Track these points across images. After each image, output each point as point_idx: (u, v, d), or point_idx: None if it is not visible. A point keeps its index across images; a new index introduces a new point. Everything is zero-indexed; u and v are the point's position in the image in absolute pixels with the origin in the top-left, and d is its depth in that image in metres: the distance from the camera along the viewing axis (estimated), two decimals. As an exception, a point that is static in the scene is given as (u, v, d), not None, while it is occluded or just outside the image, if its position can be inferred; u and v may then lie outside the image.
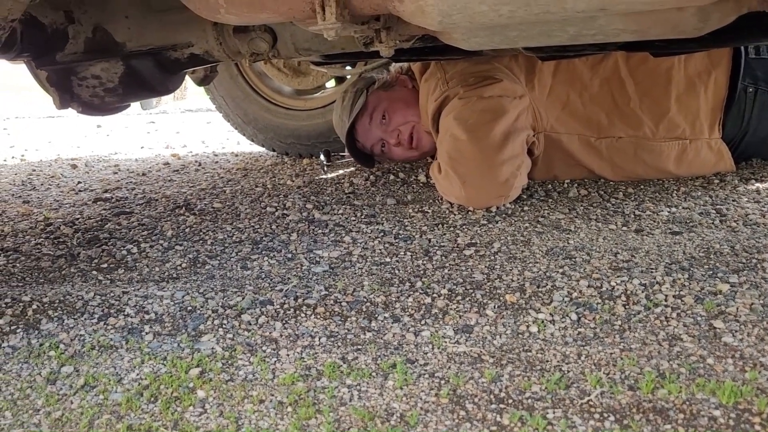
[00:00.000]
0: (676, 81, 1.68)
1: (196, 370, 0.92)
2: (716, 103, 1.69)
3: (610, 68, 1.70)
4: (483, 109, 1.61)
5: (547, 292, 1.12)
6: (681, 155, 1.71)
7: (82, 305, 1.13)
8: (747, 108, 1.70)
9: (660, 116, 1.68)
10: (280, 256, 1.36)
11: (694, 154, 1.71)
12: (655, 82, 1.68)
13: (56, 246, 1.48)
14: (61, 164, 2.54)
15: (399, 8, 0.88)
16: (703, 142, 1.70)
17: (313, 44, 1.39)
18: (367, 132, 1.89)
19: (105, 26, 1.43)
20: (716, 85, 1.68)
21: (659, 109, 1.68)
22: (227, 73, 2.35)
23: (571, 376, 0.87)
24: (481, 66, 1.69)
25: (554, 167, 1.76)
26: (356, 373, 0.90)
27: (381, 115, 1.86)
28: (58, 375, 0.92)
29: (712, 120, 1.70)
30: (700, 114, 1.68)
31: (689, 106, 1.68)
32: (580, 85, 1.70)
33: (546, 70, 1.71)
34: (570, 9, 0.82)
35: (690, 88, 1.68)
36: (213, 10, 0.96)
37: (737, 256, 1.24)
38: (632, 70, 1.69)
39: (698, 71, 1.69)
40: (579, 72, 1.70)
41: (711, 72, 1.68)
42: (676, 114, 1.68)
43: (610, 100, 1.70)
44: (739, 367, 0.87)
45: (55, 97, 1.44)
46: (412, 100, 1.86)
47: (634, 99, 1.68)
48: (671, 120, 1.68)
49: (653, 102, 1.68)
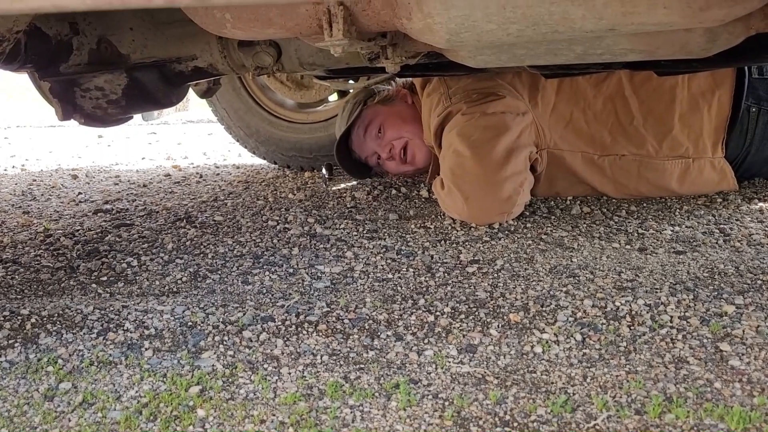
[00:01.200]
0: (679, 100, 1.68)
1: (197, 388, 0.90)
2: (720, 122, 1.69)
3: (613, 86, 1.70)
4: (486, 125, 1.60)
5: (551, 312, 1.11)
6: (684, 174, 1.70)
7: (81, 319, 1.12)
8: (750, 128, 1.70)
9: (663, 135, 1.68)
10: (281, 271, 1.35)
11: (698, 173, 1.71)
12: (658, 101, 1.68)
13: (56, 258, 1.47)
14: (62, 174, 2.54)
15: (407, 26, 0.88)
16: (706, 161, 1.70)
17: (318, 59, 1.39)
18: (362, 143, 1.92)
19: (109, 38, 1.43)
20: (720, 105, 1.68)
21: (663, 127, 1.68)
22: (230, 86, 2.35)
23: (577, 398, 0.86)
24: (485, 82, 1.70)
25: (557, 184, 1.76)
26: (359, 393, 0.89)
27: (377, 128, 1.87)
28: (56, 391, 0.91)
29: (715, 139, 1.69)
30: (703, 133, 1.68)
31: (692, 125, 1.68)
32: (584, 103, 1.70)
33: (549, 88, 1.71)
34: (578, 29, 0.82)
35: (693, 107, 1.68)
36: (219, 25, 0.96)
37: (742, 276, 1.23)
38: (636, 88, 1.69)
39: (702, 90, 1.69)
40: (582, 89, 1.70)
41: (715, 91, 1.69)
42: (680, 133, 1.67)
43: (613, 118, 1.70)
44: (747, 392, 0.86)
45: (58, 108, 1.44)
46: (409, 116, 1.87)
47: (638, 117, 1.68)
48: (674, 138, 1.67)
49: (657, 120, 1.68)
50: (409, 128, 1.86)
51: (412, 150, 1.86)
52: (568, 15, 0.79)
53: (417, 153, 1.86)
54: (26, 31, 1.29)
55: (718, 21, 0.79)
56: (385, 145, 1.87)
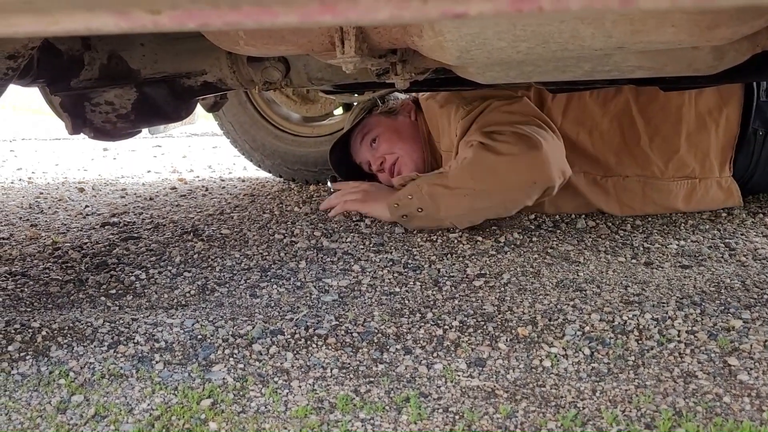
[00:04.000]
0: (686, 119, 1.68)
1: (208, 401, 0.91)
2: (727, 140, 1.69)
3: (621, 106, 1.70)
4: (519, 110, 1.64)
5: (559, 326, 1.12)
6: (690, 194, 1.71)
7: (91, 332, 1.13)
8: (756, 151, 1.70)
9: (670, 155, 1.68)
10: (289, 284, 1.36)
11: (704, 193, 1.71)
12: (665, 120, 1.68)
13: (64, 271, 1.48)
14: (69, 187, 2.55)
15: (418, 43, 0.89)
16: (713, 181, 1.70)
17: (326, 74, 1.41)
18: (357, 150, 1.96)
19: (120, 53, 1.45)
20: (728, 123, 1.68)
21: (669, 147, 1.68)
22: (236, 100, 2.37)
23: (587, 412, 0.86)
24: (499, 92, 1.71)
25: (561, 204, 1.75)
26: (369, 407, 0.89)
27: (372, 138, 1.90)
28: (69, 404, 0.92)
29: (722, 159, 1.69)
30: (710, 153, 1.68)
31: (699, 145, 1.68)
32: (591, 123, 1.70)
33: (556, 109, 1.71)
34: (587, 47, 0.83)
35: (701, 126, 1.68)
36: (233, 42, 0.97)
37: (748, 291, 1.24)
38: (642, 108, 1.69)
39: (709, 108, 1.69)
40: (590, 110, 1.70)
41: (722, 109, 1.68)
42: (686, 153, 1.67)
43: (619, 139, 1.70)
44: (756, 407, 0.86)
45: (68, 122, 1.45)
46: (406, 133, 1.89)
47: (644, 138, 1.68)
48: (681, 159, 1.67)
49: (663, 141, 1.68)
50: (402, 145, 1.88)
51: (399, 167, 1.88)
52: (578, 33, 0.80)
53: (404, 171, 1.86)
54: (39, 47, 1.31)
55: (725, 39, 0.80)
56: (378, 158, 1.90)
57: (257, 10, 0.33)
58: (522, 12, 0.29)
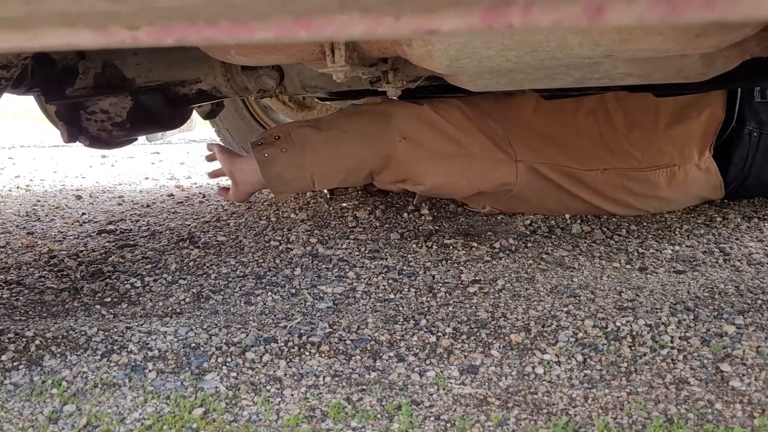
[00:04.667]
0: (665, 111, 1.67)
1: (200, 410, 0.91)
2: (710, 127, 1.67)
3: (595, 100, 1.68)
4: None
5: (552, 332, 1.12)
6: (671, 180, 1.69)
7: (85, 341, 1.13)
8: (750, 152, 1.70)
9: (648, 146, 1.66)
10: (283, 292, 1.36)
11: (684, 177, 1.70)
12: (645, 113, 1.67)
13: (60, 279, 1.48)
14: (66, 195, 2.55)
15: (407, 52, 0.90)
16: (692, 165, 1.69)
17: (320, 82, 1.42)
18: None
19: (114, 62, 1.45)
20: (712, 109, 1.67)
21: (647, 139, 1.66)
22: (232, 106, 2.38)
23: (578, 420, 0.86)
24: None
25: (545, 200, 1.75)
26: (361, 415, 0.89)
27: None
28: (60, 414, 0.92)
29: (703, 144, 1.67)
30: (690, 141, 1.66)
31: (679, 134, 1.66)
32: (564, 118, 1.69)
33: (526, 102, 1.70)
34: (576, 55, 0.83)
35: (682, 116, 1.66)
36: (224, 52, 0.98)
37: (742, 296, 1.24)
38: (621, 101, 1.67)
39: (691, 99, 1.68)
40: (563, 104, 1.69)
41: (703, 97, 1.67)
42: (666, 143, 1.66)
43: (595, 132, 1.68)
44: (748, 413, 0.86)
45: (63, 131, 1.46)
46: None
47: (622, 130, 1.66)
48: (660, 149, 1.66)
49: (642, 133, 1.66)
50: None
51: None
52: (566, 42, 0.81)
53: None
54: (33, 56, 1.31)
55: (713, 47, 0.80)
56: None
57: (234, 26, 0.33)
58: (493, 28, 0.29)
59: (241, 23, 0.33)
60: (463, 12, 0.29)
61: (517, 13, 0.28)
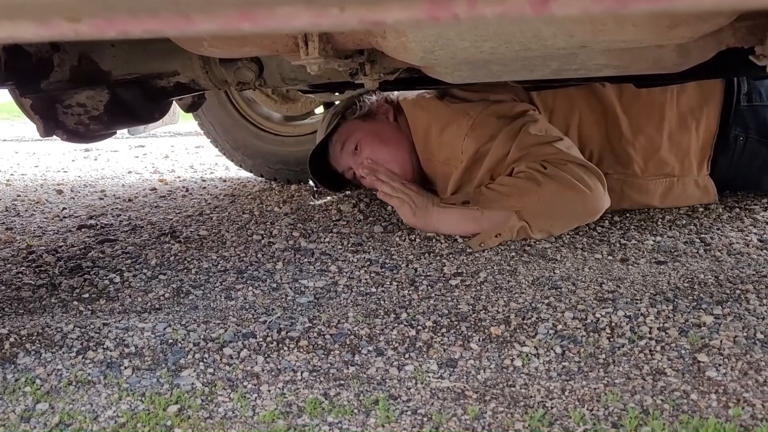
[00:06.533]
0: (668, 118, 1.67)
1: (175, 407, 0.90)
2: (706, 140, 1.69)
3: (605, 104, 1.69)
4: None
5: (532, 325, 1.12)
6: (667, 191, 1.71)
7: (61, 338, 1.12)
8: (736, 156, 1.71)
9: (651, 154, 1.68)
10: (265, 286, 1.35)
11: (681, 191, 1.72)
12: (649, 119, 1.68)
13: (37, 275, 1.46)
14: (47, 189, 2.53)
15: (382, 44, 0.89)
16: (691, 179, 1.71)
17: (300, 74, 1.40)
18: (338, 158, 1.86)
19: (90, 54, 1.43)
20: (707, 122, 1.69)
21: (651, 146, 1.67)
22: (216, 99, 2.35)
23: (555, 412, 0.86)
24: (504, 106, 1.67)
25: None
26: (338, 410, 0.89)
27: (353, 145, 1.80)
28: (33, 412, 0.90)
29: (701, 158, 1.70)
30: (690, 152, 1.69)
31: (680, 144, 1.68)
32: (577, 121, 1.69)
33: (542, 106, 1.70)
34: (550, 46, 0.82)
35: (682, 125, 1.68)
36: (197, 44, 0.96)
37: (721, 286, 1.24)
38: (626, 107, 1.68)
39: (691, 107, 1.69)
40: (576, 107, 1.69)
41: (703, 108, 1.69)
42: (667, 152, 1.67)
43: (603, 137, 1.69)
44: (723, 403, 0.86)
45: (39, 125, 1.44)
46: (388, 136, 1.80)
47: (627, 136, 1.67)
48: (661, 158, 1.67)
49: (646, 139, 1.68)
50: (387, 150, 1.78)
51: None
52: (540, 33, 0.80)
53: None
54: (6, 49, 1.29)
55: (686, 38, 0.80)
56: (361, 163, 1.79)
57: (175, 17, 0.32)
58: (439, 20, 0.28)
59: (183, 15, 0.31)
60: (408, 4, 0.28)
61: (463, 5, 0.27)
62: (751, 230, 1.56)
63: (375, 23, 0.29)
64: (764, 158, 1.71)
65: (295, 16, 0.30)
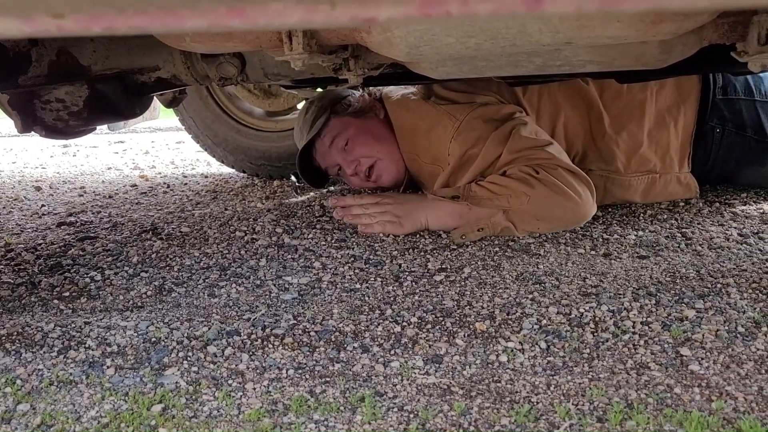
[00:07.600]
0: (648, 115, 1.69)
1: (159, 407, 0.89)
2: (685, 137, 1.72)
3: (588, 102, 1.70)
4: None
5: (516, 320, 1.12)
6: (649, 188, 1.73)
7: (41, 337, 1.10)
8: (714, 148, 1.73)
9: (633, 150, 1.69)
10: (248, 283, 1.34)
11: (663, 187, 1.74)
12: (630, 116, 1.70)
13: (16, 273, 1.44)
14: (25, 186, 2.49)
15: (366, 39, 0.88)
16: (673, 176, 1.73)
17: (283, 69, 1.39)
18: (326, 154, 1.81)
19: (70, 49, 1.40)
20: (685, 120, 1.71)
21: (633, 143, 1.69)
22: (197, 95, 2.33)
23: (540, 407, 0.87)
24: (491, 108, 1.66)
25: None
26: (324, 408, 0.88)
27: (344, 141, 1.76)
28: (14, 413, 0.89)
29: (682, 154, 1.72)
30: (670, 149, 1.71)
31: (660, 141, 1.70)
32: (563, 119, 1.70)
33: (528, 106, 1.70)
34: (535, 42, 0.83)
35: (661, 122, 1.70)
36: (179, 39, 0.95)
37: (702, 280, 1.25)
38: (608, 103, 1.70)
39: (668, 105, 1.71)
40: (560, 106, 1.70)
41: (680, 106, 1.71)
42: (648, 149, 1.69)
43: (587, 133, 1.70)
44: (706, 397, 0.87)
45: (17, 121, 1.41)
46: (381, 134, 1.77)
47: (610, 133, 1.69)
48: (643, 155, 1.69)
49: (628, 136, 1.69)
50: (380, 147, 1.76)
51: (379, 170, 1.77)
52: (525, 29, 0.80)
53: (384, 174, 1.77)
54: (-18, 44, 1.26)
55: (670, 34, 0.80)
56: (352, 161, 1.76)
57: (163, 13, 0.31)
58: (431, 17, 0.28)
59: (171, 11, 0.31)
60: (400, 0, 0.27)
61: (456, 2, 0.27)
62: (731, 224, 1.58)
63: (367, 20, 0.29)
64: (741, 151, 1.74)
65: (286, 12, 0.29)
